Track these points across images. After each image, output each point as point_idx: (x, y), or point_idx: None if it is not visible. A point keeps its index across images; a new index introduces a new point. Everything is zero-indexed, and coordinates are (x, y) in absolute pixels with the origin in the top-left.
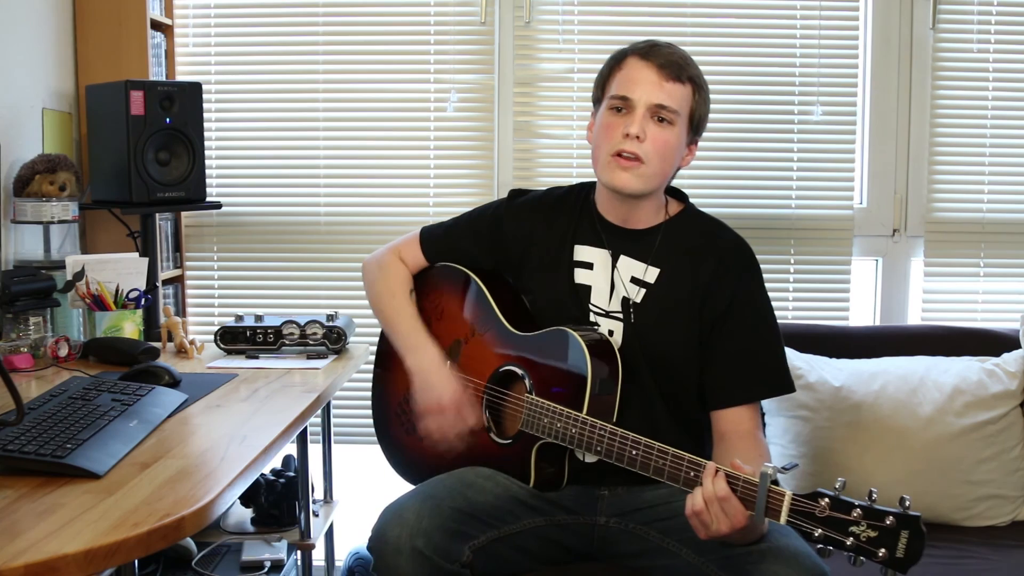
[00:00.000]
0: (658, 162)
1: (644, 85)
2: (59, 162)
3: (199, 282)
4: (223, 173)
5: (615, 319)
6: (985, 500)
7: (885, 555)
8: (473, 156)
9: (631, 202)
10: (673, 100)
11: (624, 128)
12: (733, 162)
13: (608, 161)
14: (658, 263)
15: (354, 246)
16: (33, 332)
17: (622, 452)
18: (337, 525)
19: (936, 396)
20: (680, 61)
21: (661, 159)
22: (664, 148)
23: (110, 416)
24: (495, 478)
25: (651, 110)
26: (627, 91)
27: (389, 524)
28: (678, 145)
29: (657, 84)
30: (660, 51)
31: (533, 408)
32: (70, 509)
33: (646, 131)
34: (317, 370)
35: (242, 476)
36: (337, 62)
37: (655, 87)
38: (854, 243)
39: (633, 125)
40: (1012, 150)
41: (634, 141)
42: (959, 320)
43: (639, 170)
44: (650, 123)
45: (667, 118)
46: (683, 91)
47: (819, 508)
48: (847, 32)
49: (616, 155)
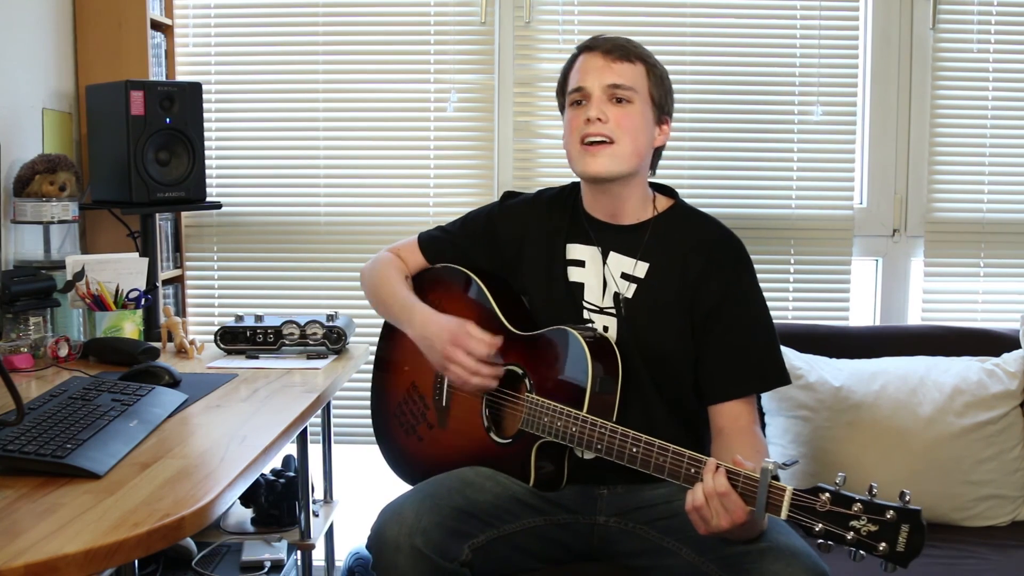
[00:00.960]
0: (628, 140)
1: (593, 72)
2: (59, 162)
3: (199, 282)
4: (223, 173)
5: (608, 315)
6: (985, 500)
7: (886, 549)
8: (473, 156)
9: (612, 191)
10: (624, 78)
11: (584, 115)
12: (733, 162)
13: (579, 151)
14: (647, 258)
15: (354, 246)
16: (33, 332)
17: (622, 450)
18: (337, 525)
19: (936, 396)
20: (625, 43)
21: (631, 137)
22: (629, 125)
23: (110, 416)
24: (495, 477)
25: (606, 92)
26: (580, 81)
27: (388, 523)
28: (644, 122)
29: (606, 67)
30: (604, 39)
31: (533, 407)
32: (70, 509)
33: (606, 113)
34: (317, 370)
35: (242, 476)
36: (337, 62)
37: (604, 70)
38: (854, 243)
39: (591, 108)
40: (1012, 150)
41: (596, 124)
42: (959, 320)
43: (609, 151)
44: (608, 105)
45: (624, 96)
46: (634, 69)
47: (820, 503)
48: (847, 32)
49: (583, 144)
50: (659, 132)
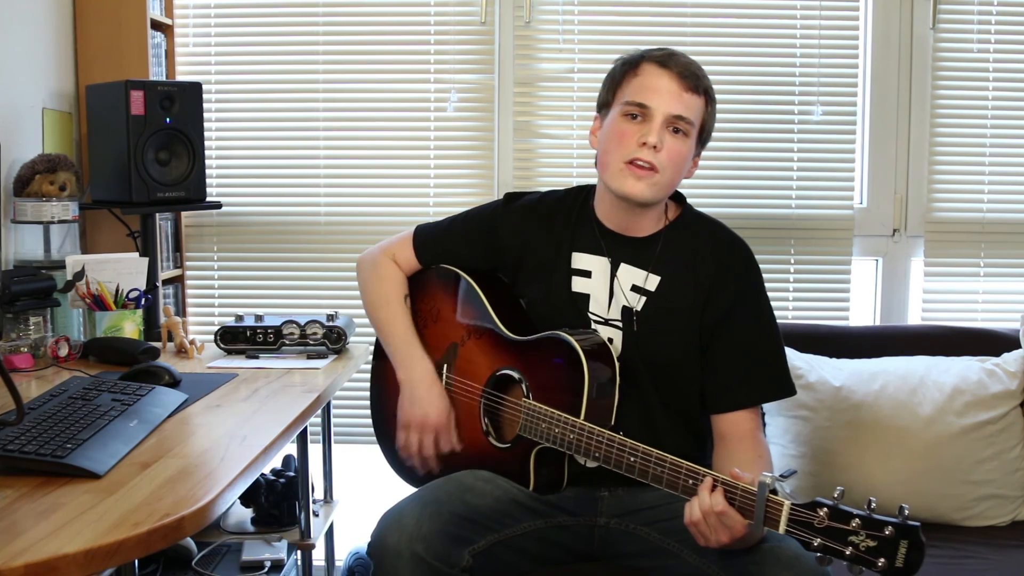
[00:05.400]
0: (671, 172)
1: (663, 95)
2: (59, 162)
3: (199, 282)
4: (223, 173)
5: (614, 327)
6: (985, 500)
7: (884, 565)
8: (473, 156)
9: (637, 210)
10: (690, 111)
11: (641, 136)
12: (733, 162)
13: (621, 168)
14: (659, 271)
15: (354, 246)
16: (33, 332)
17: (620, 459)
18: (337, 525)
19: (936, 396)
20: (698, 71)
21: (674, 170)
22: (678, 159)
23: (110, 416)
24: (495, 481)
25: (668, 120)
26: (645, 99)
27: (389, 529)
28: (688, 156)
29: (677, 94)
30: (679, 60)
31: (531, 413)
32: (70, 509)
33: (663, 141)
34: (317, 370)
35: (242, 476)
36: (337, 62)
37: (674, 97)
38: (854, 243)
39: (651, 135)
40: (1012, 150)
41: (651, 151)
42: (959, 320)
43: (653, 179)
44: (666, 133)
45: (683, 129)
46: (699, 103)
47: (817, 518)
48: (847, 32)
49: (630, 163)
50: (692, 165)
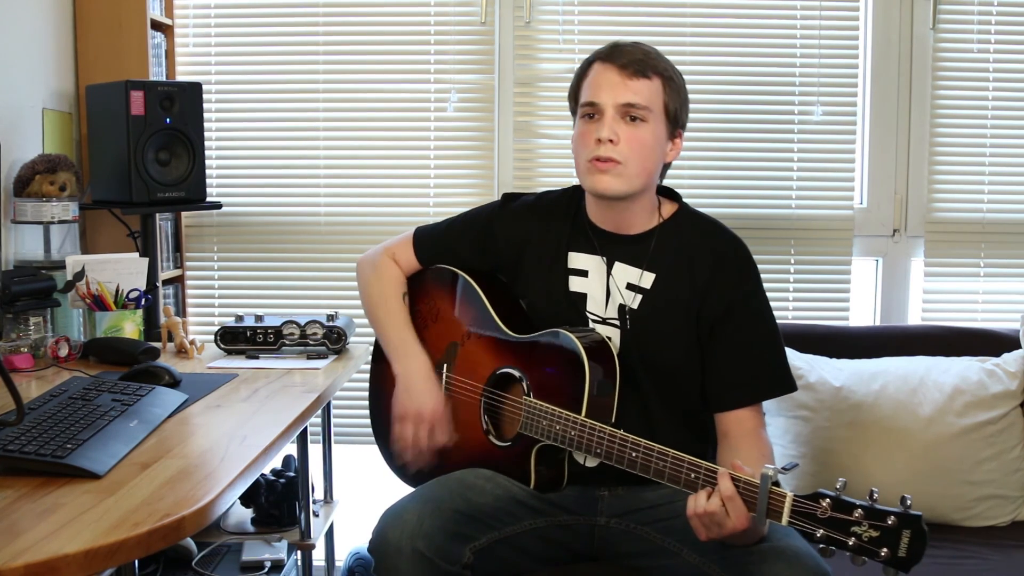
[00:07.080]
0: (637, 161)
1: (608, 88)
2: (59, 162)
3: (199, 282)
4: (223, 173)
5: (611, 326)
6: (985, 500)
7: (887, 555)
8: (473, 156)
9: (619, 205)
10: (640, 97)
11: (595, 134)
12: (733, 162)
13: (587, 168)
14: (653, 268)
15: (354, 246)
16: (33, 332)
17: (622, 454)
18: (337, 525)
19: (936, 396)
20: (643, 57)
21: (640, 158)
22: (640, 146)
23: (110, 416)
24: (495, 479)
25: (620, 110)
26: (594, 96)
27: (390, 526)
28: (656, 141)
29: (621, 84)
30: (622, 51)
31: (531, 411)
32: (70, 509)
33: (618, 132)
34: (317, 370)
35: (242, 476)
36: (337, 62)
37: (620, 87)
38: (854, 243)
39: (603, 129)
40: (1012, 150)
41: (607, 145)
42: (959, 320)
43: (617, 171)
44: (621, 124)
45: (638, 115)
46: (650, 86)
47: (820, 509)
48: (847, 32)
49: (592, 161)
50: (671, 147)
